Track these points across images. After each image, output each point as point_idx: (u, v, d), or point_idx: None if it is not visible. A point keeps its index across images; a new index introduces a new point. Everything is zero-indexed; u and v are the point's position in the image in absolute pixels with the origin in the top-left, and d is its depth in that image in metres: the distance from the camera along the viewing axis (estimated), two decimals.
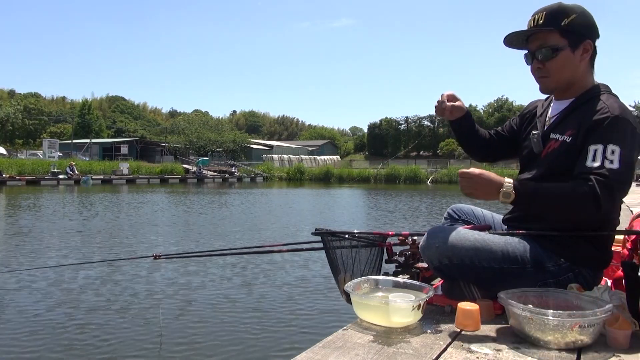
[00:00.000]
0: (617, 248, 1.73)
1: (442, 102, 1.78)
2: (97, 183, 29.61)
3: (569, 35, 1.54)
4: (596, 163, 1.41)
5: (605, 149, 1.41)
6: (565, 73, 1.57)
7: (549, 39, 1.55)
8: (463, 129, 1.85)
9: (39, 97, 73.49)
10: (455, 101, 1.80)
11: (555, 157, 1.57)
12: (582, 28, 1.55)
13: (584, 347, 1.28)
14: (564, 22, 1.52)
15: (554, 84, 1.61)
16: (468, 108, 1.86)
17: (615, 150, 1.41)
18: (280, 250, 2.53)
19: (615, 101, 1.51)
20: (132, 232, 8.94)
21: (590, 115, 1.49)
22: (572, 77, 1.58)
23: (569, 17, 1.53)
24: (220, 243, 7.78)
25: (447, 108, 1.78)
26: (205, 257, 5.97)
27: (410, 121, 59.36)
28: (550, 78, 1.59)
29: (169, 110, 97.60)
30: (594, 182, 1.39)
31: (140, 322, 3.85)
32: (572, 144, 1.52)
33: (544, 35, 1.56)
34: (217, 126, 58.10)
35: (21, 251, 6.78)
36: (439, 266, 1.59)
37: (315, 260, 5.91)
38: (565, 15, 1.53)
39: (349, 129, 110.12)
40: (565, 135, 1.55)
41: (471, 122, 1.85)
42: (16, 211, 12.60)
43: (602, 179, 1.39)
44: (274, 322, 3.90)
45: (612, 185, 1.39)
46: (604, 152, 1.41)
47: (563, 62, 1.55)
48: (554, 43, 1.55)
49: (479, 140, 1.89)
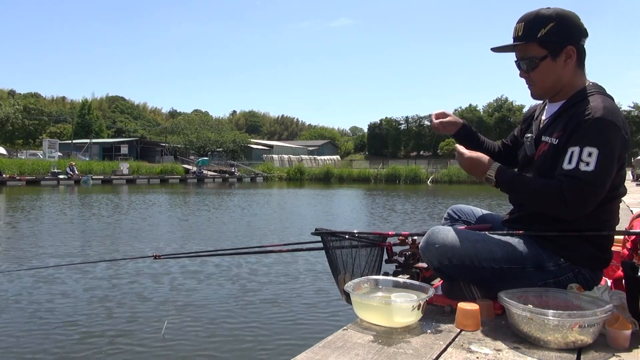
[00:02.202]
0: (617, 248, 1.73)
1: (432, 120, 1.92)
2: (97, 183, 29.61)
3: (547, 45, 1.55)
4: (571, 165, 1.44)
5: (581, 151, 1.43)
6: (548, 81, 1.60)
7: (528, 51, 1.58)
8: (464, 141, 1.92)
9: (38, 97, 73.50)
10: (445, 117, 1.90)
11: (544, 160, 1.59)
12: (561, 35, 1.54)
13: (584, 347, 1.28)
14: (541, 33, 1.53)
15: (540, 92, 1.65)
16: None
17: (593, 152, 1.42)
18: (280, 250, 2.53)
19: (602, 102, 1.50)
20: (132, 232, 8.93)
21: (576, 117, 1.50)
22: (557, 83, 1.60)
23: (546, 26, 1.53)
24: (220, 243, 7.78)
25: (434, 125, 1.91)
26: (205, 257, 5.98)
27: (410, 121, 59.28)
28: (535, 86, 1.64)
29: (169, 110, 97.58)
30: (562, 184, 1.43)
31: (140, 322, 3.85)
32: (558, 146, 1.54)
33: (524, 47, 1.59)
34: (217, 126, 58.03)
35: (21, 251, 6.78)
36: (439, 267, 1.59)
37: (315, 260, 5.91)
38: (542, 25, 1.53)
39: (349, 129, 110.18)
40: (553, 138, 1.57)
41: (470, 133, 1.92)
42: (16, 211, 12.59)
43: (572, 181, 1.42)
44: (274, 322, 3.90)
45: (582, 187, 1.41)
46: (580, 154, 1.43)
47: (545, 71, 1.58)
48: (534, 55, 1.57)
49: (483, 151, 1.91)
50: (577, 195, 1.41)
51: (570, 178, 1.42)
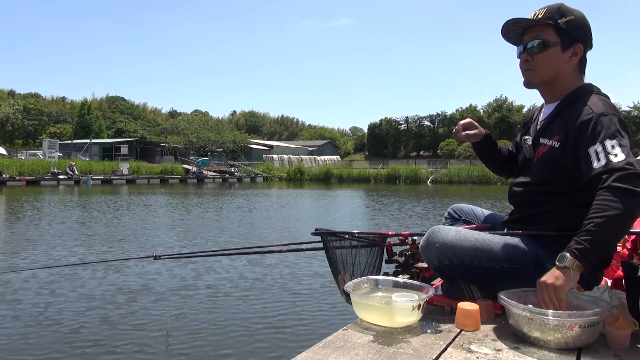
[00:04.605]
0: (617, 248, 1.73)
1: (458, 130, 1.87)
2: (97, 183, 29.60)
3: (563, 34, 1.57)
4: (602, 162, 1.40)
5: (604, 147, 1.41)
6: (550, 70, 1.60)
7: (543, 33, 1.59)
8: (482, 152, 1.93)
9: (38, 97, 73.43)
10: (472, 129, 1.86)
11: (544, 163, 1.59)
12: (577, 31, 1.57)
13: (584, 347, 1.28)
14: (561, 20, 1.56)
15: (538, 79, 1.63)
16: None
17: (615, 144, 1.41)
18: (281, 250, 2.53)
19: (599, 100, 1.52)
20: (132, 232, 8.93)
21: (575, 119, 1.50)
22: (556, 76, 1.60)
23: (567, 17, 1.56)
24: (220, 243, 7.78)
25: (461, 137, 1.87)
26: (205, 257, 5.98)
27: (410, 121, 59.32)
28: (535, 72, 1.62)
29: (169, 111, 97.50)
30: (616, 179, 1.34)
31: (141, 321, 3.85)
32: (560, 149, 1.53)
33: (540, 28, 1.60)
34: (217, 126, 57.94)
35: (21, 252, 6.77)
36: (439, 266, 1.59)
37: (316, 261, 5.91)
38: (564, 15, 1.57)
39: (349, 129, 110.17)
40: (553, 140, 1.56)
41: (491, 144, 1.91)
42: (16, 212, 12.59)
43: (620, 173, 1.35)
44: (274, 322, 3.90)
45: (630, 174, 1.35)
46: (604, 149, 1.41)
47: (551, 58, 1.58)
48: (547, 37, 1.58)
49: (498, 160, 1.95)
50: (630, 184, 1.34)
51: (613, 170, 1.36)
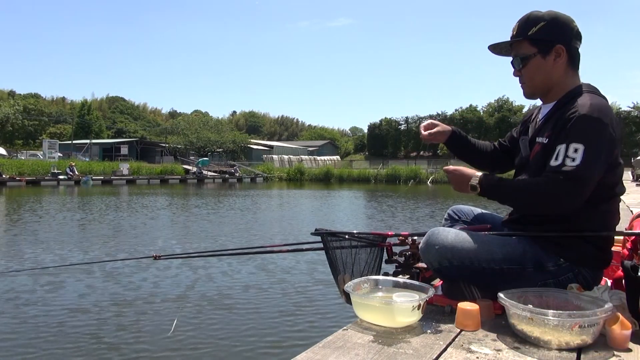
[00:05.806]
0: (617, 248, 1.73)
1: (421, 133, 1.92)
2: (97, 184, 29.61)
3: (537, 43, 1.61)
4: (557, 162, 1.46)
5: (567, 148, 1.45)
6: (537, 79, 1.64)
7: (520, 48, 1.65)
8: (454, 149, 1.96)
9: (38, 97, 73.43)
10: (433, 128, 1.91)
11: (537, 160, 1.60)
12: (551, 34, 1.59)
13: (584, 347, 1.28)
14: (531, 31, 1.60)
15: (530, 90, 1.69)
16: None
17: (579, 148, 1.43)
18: (280, 250, 2.53)
19: (590, 100, 1.51)
20: (132, 233, 8.93)
21: (563, 116, 1.52)
22: (546, 82, 1.64)
23: (537, 25, 1.60)
24: (221, 243, 7.78)
25: (424, 137, 1.91)
26: (205, 257, 5.98)
27: (410, 121, 59.26)
28: (527, 84, 1.68)
29: (169, 111, 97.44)
30: (549, 180, 1.45)
31: (141, 321, 3.85)
32: (548, 145, 1.56)
33: (517, 45, 1.66)
34: (217, 126, 57.94)
35: (20, 252, 6.78)
36: (439, 268, 1.59)
37: (315, 261, 5.91)
38: (533, 24, 1.61)
39: (349, 129, 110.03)
40: (544, 137, 1.59)
41: (460, 139, 1.94)
42: (16, 212, 12.59)
43: (558, 177, 1.44)
44: (274, 322, 3.90)
45: (567, 182, 1.43)
46: (566, 150, 1.45)
47: (535, 68, 1.63)
48: (524, 52, 1.64)
49: (474, 154, 1.98)
50: (563, 191, 1.43)
51: (556, 174, 1.44)
